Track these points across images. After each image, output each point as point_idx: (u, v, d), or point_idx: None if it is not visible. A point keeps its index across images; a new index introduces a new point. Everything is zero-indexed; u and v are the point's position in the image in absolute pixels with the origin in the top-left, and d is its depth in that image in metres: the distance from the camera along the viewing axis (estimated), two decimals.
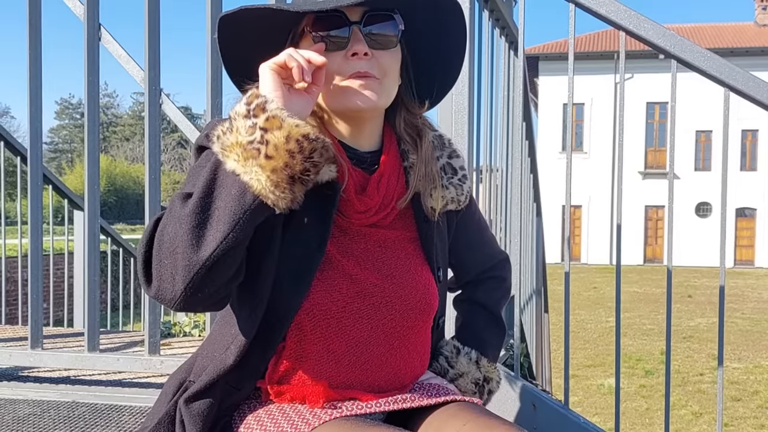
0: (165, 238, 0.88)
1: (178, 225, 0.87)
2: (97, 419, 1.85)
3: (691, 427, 6.15)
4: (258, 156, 0.87)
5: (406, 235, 1.10)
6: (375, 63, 1.01)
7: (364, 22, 1.00)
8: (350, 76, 1.00)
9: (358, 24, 1.00)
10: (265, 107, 0.89)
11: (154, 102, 1.96)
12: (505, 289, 1.34)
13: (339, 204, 1.01)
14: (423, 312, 1.08)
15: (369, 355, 1.03)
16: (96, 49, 1.99)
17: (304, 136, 0.89)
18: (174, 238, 0.87)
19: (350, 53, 0.99)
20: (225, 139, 0.90)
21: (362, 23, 1.00)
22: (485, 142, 2.37)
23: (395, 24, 1.03)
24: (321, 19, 1.00)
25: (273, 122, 0.88)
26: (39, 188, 2.02)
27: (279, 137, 0.87)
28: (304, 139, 0.89)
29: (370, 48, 1.00)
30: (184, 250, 0.86)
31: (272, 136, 0.87)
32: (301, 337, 1.00)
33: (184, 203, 0.89)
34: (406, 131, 1.11)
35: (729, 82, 1.59)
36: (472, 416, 0.99)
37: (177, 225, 0.88)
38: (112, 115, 63.40)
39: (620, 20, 1.65)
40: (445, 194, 1.12)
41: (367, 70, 1.00)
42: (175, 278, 0.88)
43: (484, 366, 1.23)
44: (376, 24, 1.01)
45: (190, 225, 0.87)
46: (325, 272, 1.01)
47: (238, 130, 0.89)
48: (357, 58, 0.99)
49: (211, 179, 0.89)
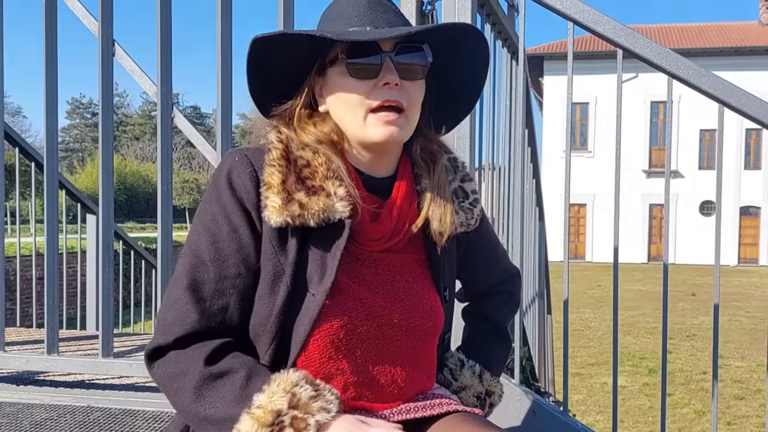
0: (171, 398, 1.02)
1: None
2: (112, 424, 1.91)
3: (693, 426, 6.18)
4: None
5: (414, 258, 1.13)
6: (404, 93, 1.03)
7: (396, 52, 1.02)
8: (379, 105, 1.02)
9: (390, 54, 1.02)
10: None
11: (166, 116, 2.02)
12: (514, 304, 1.36)
13: (352, 232, 1.03)
14: (429, 332, 1.11)
15: (375, 373, 1.06)
16: (110, 64, 2.05)
17: None
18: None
19: (382, 82, 1.02)
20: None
21: (394, 53, 1.02)
22: (487, 148, 2.43)
23: (425, 56, 1.05)
24: (354, 47, 1.02)
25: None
26: (55, 199, 2.08)
27: None
28: None
29: (400, 79, 1.02)
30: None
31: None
32: (309, 360, 1.03)
33: (195, 394, 0.98)
34: (422, 156, 1.13)
35: (722, 98, 1.63)
36: (473, 427, 1.02)
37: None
38: (122, 114, 64.07)
39: (617, 38, 1.70)
40: (454, 219, 1.12)
41: (397, 99, 1.02)
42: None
43: (487, 380, 1.25)
44: (407, 54, 1.03)
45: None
46: (335, 298, 1.02)
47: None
48: (388, 87, 1.02)
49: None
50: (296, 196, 1.00)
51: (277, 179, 1.00)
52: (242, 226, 1.02)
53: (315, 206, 1.00)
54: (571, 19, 1.72)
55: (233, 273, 1.02)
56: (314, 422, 0.93)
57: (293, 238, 1.02)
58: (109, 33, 2.06)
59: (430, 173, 1.12)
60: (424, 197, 1.10)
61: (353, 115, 1.03)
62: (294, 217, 0.99)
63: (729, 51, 26.02)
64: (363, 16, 1.04)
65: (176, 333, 1.00)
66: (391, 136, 1.02)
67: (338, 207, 1.00)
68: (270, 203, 1.00)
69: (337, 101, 1.06)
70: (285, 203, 0.99)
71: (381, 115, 1.02)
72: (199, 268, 1.01)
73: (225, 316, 1.02)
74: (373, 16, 1.04)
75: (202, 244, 1.02)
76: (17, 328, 3.03)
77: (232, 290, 1.02)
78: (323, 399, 0.95)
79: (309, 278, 1.02)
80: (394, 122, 1.02)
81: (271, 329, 1.02)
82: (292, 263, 1.01)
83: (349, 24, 1.04)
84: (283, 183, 1.00)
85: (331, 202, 1.00)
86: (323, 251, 1.02)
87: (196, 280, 1.01)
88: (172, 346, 1.00)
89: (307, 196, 1.00)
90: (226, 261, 1.01)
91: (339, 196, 1.01)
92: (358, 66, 1.02)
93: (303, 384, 0.96)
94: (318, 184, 1.01)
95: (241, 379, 0.97)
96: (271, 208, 0.99)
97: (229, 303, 1.02)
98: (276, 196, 0.99)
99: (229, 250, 1.01)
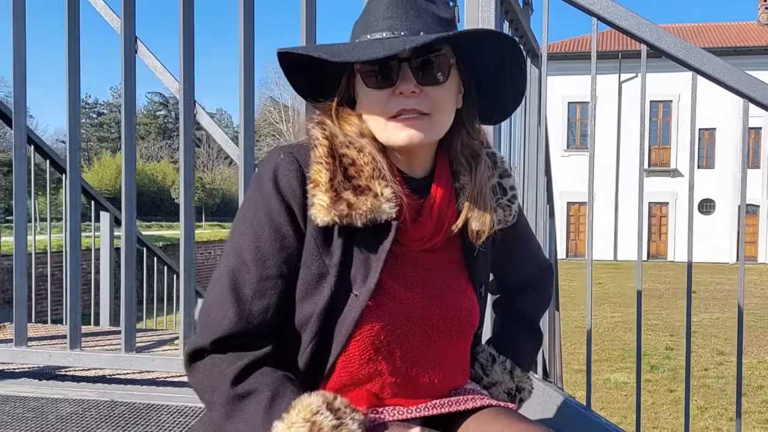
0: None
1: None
2: (137, 418, 1.92)
3: (696, 422, 6.20)
4: None
5: (452, 256, 1.12)
6: (425, 99, 1.00)
7: (413, 59, 0.99)
8: (396, 113, 1.00)
9: (406, 62, 0.99)
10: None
11: (188, 112, 2.03)
12: (546, 299, 1.36)
13: (396, 233, 1.02)
14: (466, 330, 1.11)
15: (414, 373, 1.05)
16: (133, 61, 2.05)
17: None
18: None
19: (398, 91, 0.99)
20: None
21: (411, 60, 0.99)
22: (505, 146, 2.44)
23: (446, 59, 1.02)
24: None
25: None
26: (77, 197, 2.09)
27: None
28: None
29: (419, 84, 1.00)
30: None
31: None
32: (349, 361, 1.02)
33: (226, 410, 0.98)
34: (462, 153, 1.11)
35: (748, 93, 1.65)
36: (509, 421, 1.02)
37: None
38: None
39: (641, 33, 1.72)
40: (493, 217, 1.11)
41: (414, 107, 0.99)
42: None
43: (518, 376, 1.25)
44: (426, 60, 1.00)
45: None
46: (377, 299, 1.02)
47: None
48: (404, 96, 0.99)
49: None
50: (344, 195, 0.98)
51: (324, 177, 0.99)
52: (285, 226, 1.01)
53: (363, 206, 0.98)
54: (596, 15, 1.73)
55: (274, 273, 1.01)
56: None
57: (339, 238, 1.01)
58: (131, 29, 2.07)
59: (471, 172, 1.10)
60: (463, 197, 1.09)
61: (375, 120, 1.03)
62: (341, 217, 0.98)
63: (728, 51, 26.06)
64: (384, 20, 1.01)
65: (214, 334, 0.99)
66: (412, 139, 1.01)
67: (385, 208, 0.99)
68: (317, 201, 0.98)
69: (362, 107, 1.06)
70: (333, 202, 0.98)
71: (401, 118, 1.00)
72: (241, 269, 1.01)
73: (265, 317, 1.01)
74: (394, 20, 1.00)
75: (244, 244, 1.01)
76: (34, 324, 3.04)
77: (273, 291, 1.01)
78: (345, 428, 0.93)
79: (353, 279, 1.01)
80: (415, 125, 1.00)
81: (312, 329, 1.01)
82: (337, 264, 1.01)
83: (369, 28, 1.02)
84: (331, 181, 0.99)
85: (379, 202, 0.99)
86: (368, 252, 1.02)
87: (237, 280, 1.00)
88: (209, 349, 1.00)
89: (354, 196, 0.99)
90: (268, 261, 1.01)
91: (386, 196, 1.00)
92: (374, 76, 1.01)
93: (324, 411, 0.93)
94: (364, 183, 1.00)
95: (265, 400, 0.95)
96: (319, 206, 0.98)
97: (270, 304, 1.01)
98: (324, 195, 0.98)
99: (271, 250, 1.01)
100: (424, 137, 1.02)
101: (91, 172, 35.22)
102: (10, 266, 2.24)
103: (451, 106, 1.07)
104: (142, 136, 57.16)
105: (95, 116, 59.68)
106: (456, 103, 1.08)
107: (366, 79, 1.02)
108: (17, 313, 2.19)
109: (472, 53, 1.07)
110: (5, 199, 4.85)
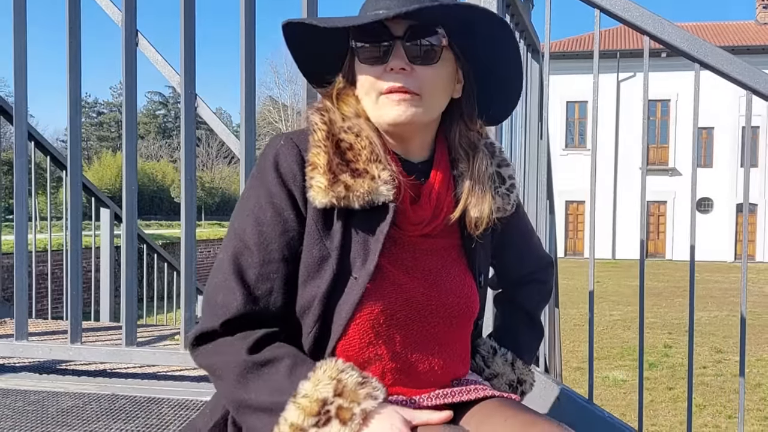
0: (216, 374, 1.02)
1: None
2: (138, 411, 1.92)
3: (695, 419, 6.22)
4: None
5: (450, 243, 1.12)
6: (415, 78, 1.01)
7: (406, 37, 1.00)
8: (386, 90, 1.01)
9: (400, 39, 1.00)
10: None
11: (189, 105, 2.02)
12: (546, 293, 1.36)
13: (394, 216, 1.03)
14: (465, 317, 1.11)
15: (414, 359, 1.05)
16: (133, 54, 2.05)
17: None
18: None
19: (389, 67, 1.01)
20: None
21: (404, 38, 1.00)
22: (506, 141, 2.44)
23: (438, 38, 1.02)
24: (364, 32, 1.01)
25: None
26: (78, 192, 2.09)
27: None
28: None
29: (411, 63, 1.01)
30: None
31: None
32: (349, 345, 1.03)
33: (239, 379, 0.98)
34: (460, 143, 1.12)
35: (751, 84, 1.65)
36: (513, 412, 1.02)
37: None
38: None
39: (644, 25, 1.71)
40: (491, 206, 1.11)
41: (403, 85, 1.00)
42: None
43: (519, 368, 1.25)
44: (419, 39, 1.01)
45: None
46: (375, 282, 1.02)
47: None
48: (395, 72, 1.00)
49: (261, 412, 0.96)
50: (342, 177, 1.00)
51: (322, 159, 1.00)
52: (287, 210, 1.01)
53: (360, 188, 0.99)
54: (598, 6, 1.73)
55: (277, 257, 1.02)
56: (360, 411, 0.92)
57: (338, 221, 1.02)
58: (132, 22, 2.06)
59: (469, 160, 1.11)
60: (462, 184, 1.09)
61: (367, 98, 1.05)
62: (339, 199, 0.99)
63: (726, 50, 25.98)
64: (384, 0, 1.02)
65: (222, 317, 1.00)
66: (399, 117, 1.01)
67: (383, 190, 1.00)
68: (315, 183, 0.99)
69: (357, 84, 1.06)
70: (331, 184, 0.99)
71: (392, 95, 1.01)
72: (244, 253, 1.01)
73: (270, 300, 1.02)
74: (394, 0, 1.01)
75: (247, 228, 1.02)
76: (34, 320, 3.04)
77: (276, 274, 1.02)
78: (370, 386, 0.95)
79: (352, 262, 1.02)
80: (403, 103, 1.01)
81: (315, 312, 1.02)
82: (337, 246, 1.01)
83: (370, 7, 1.03)
84: (329, 164, 1.00)
85: (376, 185, 1.00)
86: (366, 234, 1.02)
87: (241, 264, 1.01)
88: (218, 331, 1.00)
89: (352, 178, 1.00)
90: (271, 245, 1.01)
91: (383, 179, 1.00)
92: (366, 51, 1.02)
93: (349, 371, 0.95)
94: (362, 167, 1.01)
95: (286, 367, 0.96)
96: (317, 188, 0.99)
97: (274, 287, 1.02)
98: (322, 177, 0.99)
99: (273, 234, 1.01)
100: (412, 116, 1.02)
101: (92, 171, 35.21)
102: (10, 264, 2.23)
103: (444, 91, 1.07)
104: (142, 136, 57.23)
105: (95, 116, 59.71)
106: (451, 89, 1.09)
107: (360, 55, 1.03)
108: (18, 308, 2.18)
109: (468, 40, 1.07)
110: (5, 198, 4.89)
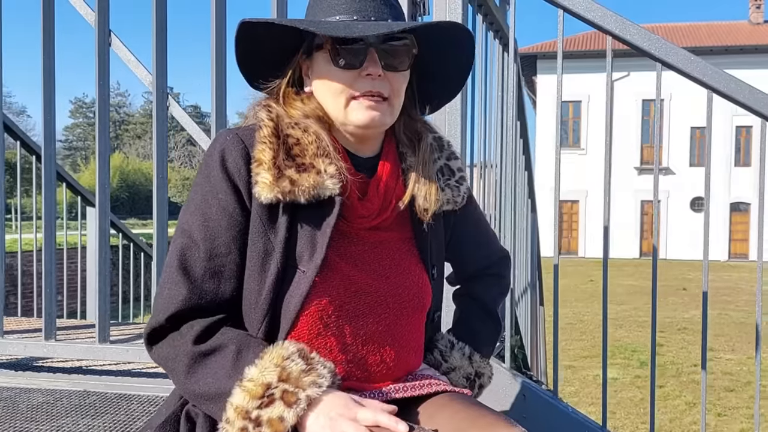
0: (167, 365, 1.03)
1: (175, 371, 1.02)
2: (107, 407, 1.93)
3: (684, 417, 6.24)
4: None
5: (401, 236, 1.14)
6: (386, 84, 1.05)
7: (380, 43, 1.03)
8: (361, 95, 1.04)
9: (374, 45, 1.03)
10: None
11: (161, 104, 2.04)
12: (503, 287, 1.37)
13: (341, 209, 1.05)
14: (416, 309, 1.12)
15: (365, 351, 1.06)
16: (106, 54, 2.06)
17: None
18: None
19: (365, 73, 1.03)
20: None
21: (379, 44, 1.03)
22: (479, 140, 2.45)
23: (410, 48, 1.07)
24: (338, 37, 1.02)
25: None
26: (53, 186, 2.10)
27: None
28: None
29: (384, 70, 1.04)
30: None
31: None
32: (298, 337, 1.03)
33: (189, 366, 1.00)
34: (405, 134, 1.15)
35: (711, 84, 1.67)
36: (462, 406, 1.02)
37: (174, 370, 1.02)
38: (124, 113, 64.92)
39: (606, 25, 1.73)
40: (440, 196, 1.14)
41: (379, 90, 1.04)
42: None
43: (477, 361, 1.26)
44: (392, 46, 1.05)
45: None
46: (323, 275, 1.03)
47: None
48: (371, 78, 1.03)
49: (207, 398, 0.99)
50: (287, 172, 1.01)
51: (267, 156, 1.01)
52: (232, 204, 1.02)
53: (305, 183, 1.01)
54: (562, 6, 1.75)
55: (224, 251, 1.03)
56: (305, 397, 0.93)
57: (283, 215, 1.03)
58: (105, 22, 2.08)
59: (415, 151, 1.14)
60: (409, 174, 1.12)
61: (336, 100, 1.06)
62: (284, 194, 1.00)
63: (719, 50, 26.23)
64: (351, 3, 1.04)
65: (167, 311, 1.01)
66: (372, 120, 1.04)
67: (328, 184, 1.02)
68: (261, 179, 1.00)
69: (321, 86, 1.07)
70: (276, 179, 1.00)
71: (363, 100, 1.04)
72: (191, 248, 1.02)
73: (217, 294, 1.03)
74: (362, 3, 1.04)
75: (193, 224, 1.03)
76: (18, 318, 3.05)
77: (223, 268, 1.03)
78: (315, 373, 0.96)
79: (299, 255, 1.03)
80: (376, 107, 1.04)
81: (263, 306, 1.03)
82: (282, 241, 1.02)
83: (334, 9, 1.04)
84: (274, 159, 1.01)
85: (322, 179, 1.02)
86: (313, 228, 1.04)
87: (187, 259, 1.02)
88: (165, 326, 1.01)
89: (297, 173, 1.01)
90: (217, 239, 1.03)
91: (329, 173, 1.02)
92: (343, 56, 1.03)
93: (295, 358, 0.96)
94: (308, 161, 1.03)
95: (231, 353, 0.98)
96: (262, 184, 1.00)
97: (221, 281, 1.03)
98: (267, 173, 1.00)
99: (219, 228, 1.02)
100: (383, 120, 1.06)
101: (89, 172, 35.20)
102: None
103: (403, 93, 1.10)
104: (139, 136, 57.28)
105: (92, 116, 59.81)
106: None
107: (334, 59, 1.04)
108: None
109: (428, 43, 1.10)
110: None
